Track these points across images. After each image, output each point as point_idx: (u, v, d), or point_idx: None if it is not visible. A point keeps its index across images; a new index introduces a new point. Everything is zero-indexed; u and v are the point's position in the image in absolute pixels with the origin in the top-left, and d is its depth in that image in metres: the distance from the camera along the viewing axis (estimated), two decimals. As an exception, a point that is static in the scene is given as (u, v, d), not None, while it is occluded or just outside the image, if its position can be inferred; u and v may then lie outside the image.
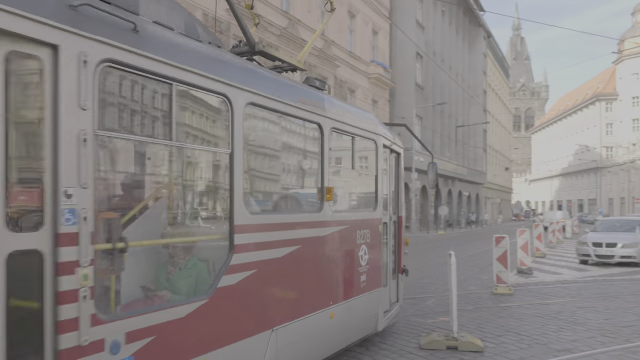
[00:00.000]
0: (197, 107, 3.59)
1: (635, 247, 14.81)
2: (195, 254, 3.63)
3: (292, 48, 21.39)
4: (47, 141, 2.50)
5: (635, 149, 59.00)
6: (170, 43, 3.21)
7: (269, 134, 4.44)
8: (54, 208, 2.49)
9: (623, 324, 7.57)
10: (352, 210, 5.91)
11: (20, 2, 2.33)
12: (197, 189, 3.84)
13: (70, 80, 2.55)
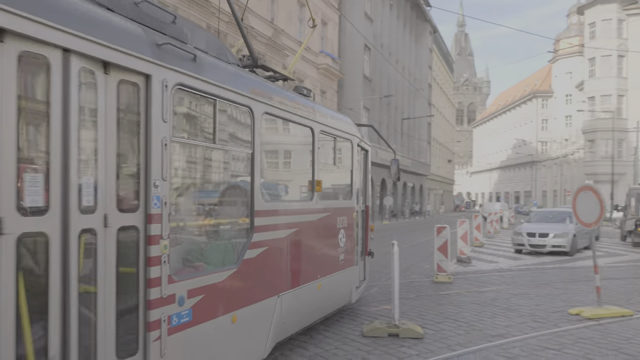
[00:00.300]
0: (231, 117, 4.47)
1: (566, 237, 15.67)
2: (230, 232, 4.59)
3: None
4: (142, 146, 3.38)
5: (568, 144, 62.19)
6: (214, 67, 4.13)
7: (276, 137, 5.44)
8: (146, 195, 3.38)
9: (552, 309, 8.03)
10: (334, 200, 6.77)
11: (129, 44, 3.23)
12: (231, 182, 4.69)
13: (157, 100, 3.44)
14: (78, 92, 2.94)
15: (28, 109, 2.75)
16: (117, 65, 3.15)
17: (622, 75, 45.82)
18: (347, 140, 7.07)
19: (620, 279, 11.44)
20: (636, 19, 45.53)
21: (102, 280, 3.09)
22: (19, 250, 2.61)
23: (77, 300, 2.91)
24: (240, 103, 4.41)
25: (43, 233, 2.75)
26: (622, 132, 44.56)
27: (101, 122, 3.10)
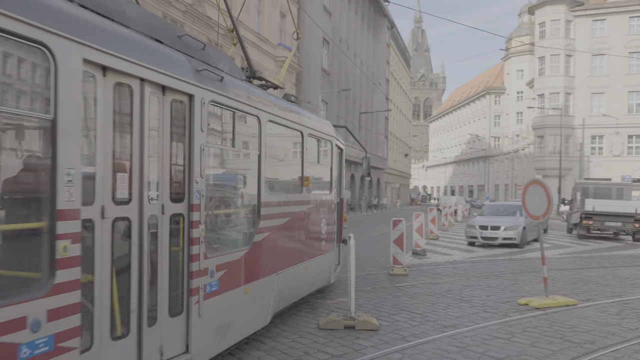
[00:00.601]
0: (244, 125, 5.44)
1: (516, 230, 16.22)
2: (244, 219, 5.62)
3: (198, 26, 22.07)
4: (187, 150, 4.28)
5: (519, 139, 64.25)
6: (234, 85, 5.11)
7: (275, 140, 6.28)
8: (189, 189, 4.29)
9: (502, 300, 8.30)
10: (318, 193, 7.69)
11: (179, 71, 4.10)
12: (245, 178, 5.71)
13: (197, 115, 4.35)
14: (148, 111, 3.82)
15: (119, 124, 3.59)
16: (171, 88, 4.07)
17: (569, 74, 47.61)
18: (328, 141, 8.19)
19: (566, 269, 11.94)
20: (582, 20, 47.38)
21: (160, 254, 3.99)
22: (113, 229, 3.50)
23: (147, 268, 3.83)
24: (251, 113, 5.42)
25: (127, 217, 3.66)
26: (569, 129, 46.38)
27: (160, 133, 4.00)
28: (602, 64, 46.78)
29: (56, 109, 2.96)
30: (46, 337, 2.88)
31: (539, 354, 5.49)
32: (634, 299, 8.50)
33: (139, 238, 3.74)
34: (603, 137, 46.71)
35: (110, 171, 3.48)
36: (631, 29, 46.10)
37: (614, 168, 45.27)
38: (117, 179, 3.56)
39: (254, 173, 5.62)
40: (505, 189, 68.33)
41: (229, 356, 5.32)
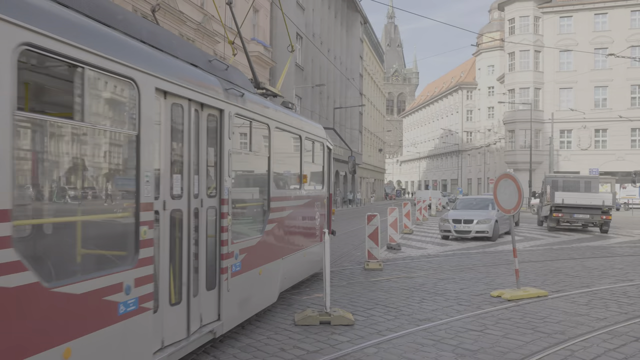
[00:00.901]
0: (258, 132, 6.43)
1: (488, 223, 16.47)
2: (258, 211, 6.75)
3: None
4: (218, 155, 5.27)
5: (490, 134, 65.24)
6: (250, 99, 6.15)
7: (280, 143, 7.27)
8: (220, 187, 5.30)
9: (475, 292, 8.42)
10: (313, 189, 8.77)
11: (212, 91, 5.08)
12: (259, 176, 6.77)
13: (226, 125, 5.33)
14: (192, 124, 4.84)
15: (174, 136, 4.60)
16: (208, 105, 5.07)
17: (538, 70, 48.54)
18: (320, 143, 9.25)
19: (537, 261, 12.18)
20: (550, 17, 48.33)
21: (201, 239, 4.99)
22: (170, 218, 4.49)
23: (193, 249, 4.82)
24: (263, 122, 6.48)
25: (180, 209, 4.66)
26: (539, 123, 47.32)
27: (200, 141, 5.00)
28: (570, 59, 47.85)
29: (139, 127, 3.96)
30: (134, 298, 3.83)
31: (512, 345, 5.58)
32: (601, 289, 8.72)
33: (187, 226, 4.77)
34: (571, 132, 47.83)
35: (169, 173, 4.51)
36: (596, 25, 47.26)
37: (582, 161, 46.45)
38: (174, 179, 4.60)
39: (265, 172, 6.72)
40: (477, 183, 69.38)
41: (204, 354, 5.26)
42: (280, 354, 5.32)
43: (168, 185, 4.48)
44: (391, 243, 13.81)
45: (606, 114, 46.26)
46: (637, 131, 46.14)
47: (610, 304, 7.62)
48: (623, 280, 9.62)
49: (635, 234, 20.00)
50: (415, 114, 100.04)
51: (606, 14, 46.98)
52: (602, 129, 46.96)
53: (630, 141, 46.23)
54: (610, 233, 20.14)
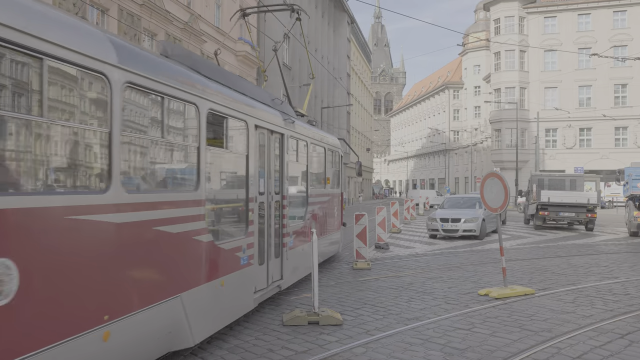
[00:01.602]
0: (301, 147, 8.79)
1: (475, 222, 16.57)
2: (301, 204, 8.91)
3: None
4: (280, 165, 7.68)
5: (477, 133, 65.66)
6: (297, 124, 8.56)
7: (312, 154, 9.58)
8: (282, 187, 7.66)
9: (463, 291, 8.45)
10: (332, 188, 11.25)
11: (277, 120, 7.52)
12: (302, 178, 8.95)
13: (285, 144, 7.77)
14: (268, 144, 7.19)
15: (261, 153, 6.89)
16: (276, 131, 7.41)
17: (523, 69, 48.96)
18: (337, 152, 11.87)
19: (524, 260, 12.27)
20: (535, 17, 48.78)
21: (272, 223, 7.23)
22: (259, 207, 6.74)
23: (271, 229, 7.19)
24: (303, 140, 8.90)
25: (263, 202, 6.90)
26: (525, 122, 47.72)
27: (272, 156, 7.29)
28: (554, 59, 48.33)
29: (248, 150, 6.37)
30: (246, 256, 6.17)
31: (499, 344, 5.60)
32: (587, 287, 8.81)
33: (267, 213, 7.08)
34: (557, 130, 48.33)
35: (257, 178, 6.69)
36: (580, 25, 47.81)
37: (568, 160, 46.96)
38: (260, 182, 6.85)
39: (305, 175, 9.11)
40: (465, 182, 69.82)
41: (191, 356, 5.21)
42: (268, 354, 5.29)
43: (256, 185, 6.68)
44: (379, 242, 13.82)
45: (590, 113, 46.81)
46: (621, 130, 46.76)
47: (596, 301, 7.70)
48: (608, 278, 9.73)
49: (619, 231, 20.25)
50: (403, 113, 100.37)
51: (589, 14, 47.54)
52: (587, 127, 47.51)
53: (614, 140, 46.83)
54: (596, 231, 20.37)
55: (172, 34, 21.42)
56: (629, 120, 46.05)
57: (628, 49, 45.49)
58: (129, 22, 18.37)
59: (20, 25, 3.01)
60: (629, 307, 7.29)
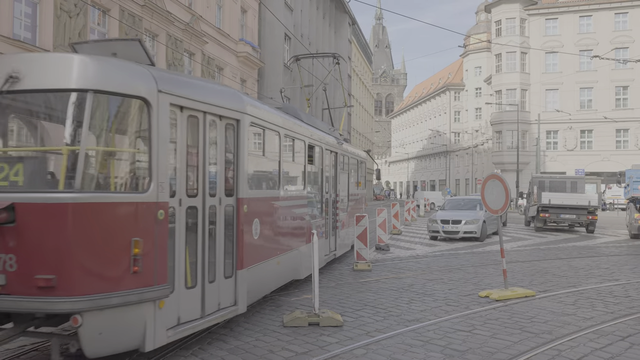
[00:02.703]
0: (341, 160, 11.76)
1: (476, 224, 16.55)
2: (345, 201, 12.25)
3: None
4: (335, 174, 11.23)
5: (478, 135, 65.64)
6: (345, 145, 12.35)
7: (349, 165, 12.80)
8: (336, 190, 11.17)
9: (464, 293, 8.44)
10: (362, 189, 14.47)
11: (333, 145, 11.03)
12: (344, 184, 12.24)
13: (339, 161, 11.50)
14: (334, 161, 11.03)
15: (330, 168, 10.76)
16: (334, 152, 10.92)
17: (525, 71, 48.95)
18: (364, 162, 15.24)
19: (525, 261, 12.26)
20: (536, 19, 48.79)
21: (331, 211, 10.83)
22: (326, 202, 10.54)
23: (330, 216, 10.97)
24: (346, 155, 12.16)
25: (328, 199, 10.56)
26: (526, 124, 47.71)
27: (329, 167, 10.63)
28: (555, 61, 48.31)
29: (322, 165, 10.03)
30: (322, 231, 9.99)
31: (500, 346, 5.60)
32: (588, 289, 8.80)
33: (329, 206, 10.60)
34: (557, 132, 48.31)
35: (325, 183, 10.20)
36: (581, 27, 47.79)
37: (568, 162, 46.92)
38: (326, 185, 10.29)
39: (347, 181, 12.40)
40: (465, 184, 69.78)
41: (191, 356, 5.21)
42: (268, 355, 5.29)
43: (325, 187, 10.19)
44: (380, 244, 13.82)
45: (591, 115, 46.79)
46: (622, 132, 46.74)
47: (597, 303, 7.69)
48: (609, 280, 9.72)
49: (620, 233, 20.23)
50: (404, 114, 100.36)
51: (591, 16, 47.53)
52: (588, 129, 47.49)
53: (615, 142, 46.81)
54: (597, 233, 20.35)
55: (173, 35, 21.45)
56: (630, 122, 46.04)
57: (629, 51, 45.50)
58: (130, 22, 18.39)
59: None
60: (629, 310, 7.28)
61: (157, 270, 4.62)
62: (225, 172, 5.74)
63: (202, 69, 24.24)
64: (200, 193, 5.31)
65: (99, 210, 4.35)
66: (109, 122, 4.69)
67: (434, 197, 45.70)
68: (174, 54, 21.12)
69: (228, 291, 5.74)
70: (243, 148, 5.89)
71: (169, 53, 20.78)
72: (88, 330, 4.21)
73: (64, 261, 4.15)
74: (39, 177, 4.60)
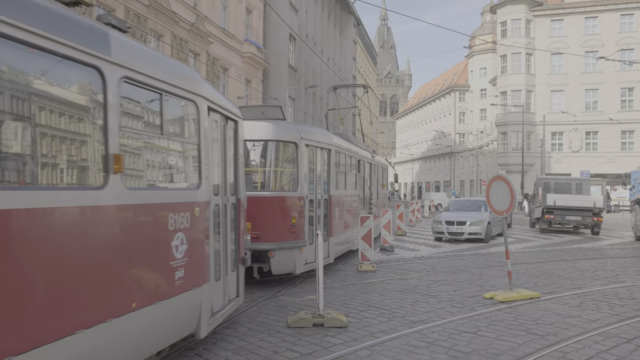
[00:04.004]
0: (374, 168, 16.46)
1: (481, 225, 16.52)
2: (374, 198, 16.34)
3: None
4: (369, 178, 15.56)
5: (483, 136, 65.50)
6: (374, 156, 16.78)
7: (380, 172, 18.17)
8: (371, 190, 15.75)
9: (469, 294, 8.43)
10: (386, 190, 19.65)
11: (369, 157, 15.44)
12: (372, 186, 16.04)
13: (374, 170, 16.39)
14: (369, 170, 15.21)
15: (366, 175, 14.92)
16: (368, 162, 14.88)
17: (530, 72, 48.81)
18: (387, 168, 18.28)
19: (530, 263, 12.22)
20: (541, 20, 48.65)
21: (367, 207, 14.78)
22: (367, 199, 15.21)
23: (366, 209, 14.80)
24: (375, 164, 16.27)
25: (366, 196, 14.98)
26: (531, 125, 47.56)
27: (365, 173, 14.52)
28: (561, 62, 48.13)
29: (364, 172, 14.48)
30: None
31: (504, 347, 5.58)
32: (593, 291, 8.76)
33: (368, 201, 15.11)
34: (563, 134, 48.12)
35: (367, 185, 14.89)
36: (587, 29, 47.59)
37: (574, 163, 46.74)
38: (367, 187, 14.77)
39: (376, 184, 15.96)
40: (470, 185, 69.61)
41: (196, 357, 5.22)
42: (273, 356, 5.29)
43: (366, 189, 14.15)
44: (384, 245, 13.81)
45: (597, 117, 46.59)
46: (627, 134, 46.52)
47: (602, 305, 7.66)
48: (614, 282, 9.67)
49: (625, 235, 20.14)
50: (408, 115, 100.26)
51: (596, 17, 47.34)
52: (593, 131, 47.29)
53: (621, 143, 46.59)
54: (602, 235, 20.26)
55: (178, 35, 21.50)
56: (636, 124, 45.81)
57: (635, 53, 45.30)
58: (135, 23, 18.45)
59: None
60: (635, 312, 7.25)
61: (302, 232, 8.95)
62: (332, 179, 10.70)
63: (207, 69, 24.28)
64: (320, 192, 10.03)
65: (279, 200, 8.79)
66: (282, 155, 9.12)
67: (440, 198, 45.69)
68: (179, 54, 21.17)
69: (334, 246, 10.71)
70: (333, 165, 10.62)
71: (174, 53, 20.83)
72: (275, 260, 8.55)
73: (264, 225, 8.47)
74: (255, 183, 8.96)
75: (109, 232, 3.70)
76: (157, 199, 4.35)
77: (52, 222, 3.20)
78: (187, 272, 4.70)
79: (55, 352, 3.18)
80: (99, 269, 3.60)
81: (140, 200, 4.08)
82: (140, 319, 4.00)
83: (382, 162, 18.63)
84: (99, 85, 3.69)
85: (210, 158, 5.34)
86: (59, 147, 3.46)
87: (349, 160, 12.30)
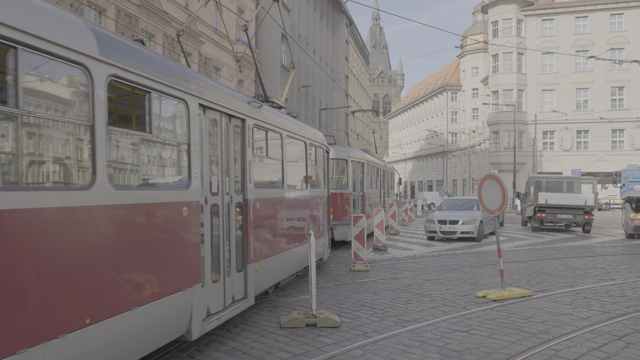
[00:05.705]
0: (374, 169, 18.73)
1: (473, 224, 16.58)
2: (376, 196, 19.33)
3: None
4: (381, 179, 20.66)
5: (475, 135, 65.77)
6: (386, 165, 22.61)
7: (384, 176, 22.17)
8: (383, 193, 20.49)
9: (461, 293, 8.45)
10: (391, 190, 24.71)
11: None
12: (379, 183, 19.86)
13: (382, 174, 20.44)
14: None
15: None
16: (382, 169, 20.11)
17: (521, 72, 49.06)
18: (393, 173, 24.55)
19: (522, 261, 12.28)
20: (532, 20, 48.91)
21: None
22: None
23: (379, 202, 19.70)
24: (385, 171, 21.60)
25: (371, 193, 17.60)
26: (522, 125, 47.82)
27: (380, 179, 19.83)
28: (552, 62, 48.42)
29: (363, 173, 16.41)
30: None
31: (497, 346, 5.60)
32: (584, 289, 8.82)
33: (384, 195, 20.70)
34: (554, 133, 48.42)
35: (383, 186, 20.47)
36: (577, 28, 47.92)
37: (565, 162, 47.05)
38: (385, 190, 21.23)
39: (387, 186, 20.87)
40: (462, 184, 69.87)
41: (188, 358, 5.20)
42: (266, 357, 5.28)
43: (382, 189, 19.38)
44: (377, 244, 13.82)
45: (587, 116, 46.92)
46: (618, 132, 46.88)
47: (593, 303, 7.71)
48: (605, 280, 9.74)
49: (616, 233, 20.29)
50: (401, 115, 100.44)
51: (587, 17, 47.66)
52: (584, 130, 47.62)
53: (611, 142, 46.94)
54: (593, 233, 20.40)
55: (169, 35, 21.41)
56: (626, 122, 46.18)
57: (625, 52, 45.66)
58: (127, 22, 18.36)
59: None
60: (626, 309, 7.30)
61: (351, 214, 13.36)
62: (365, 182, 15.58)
63: (199, 69, 24.19)
64: (351, 188, 14.32)
65: (335, 195, 13.61)
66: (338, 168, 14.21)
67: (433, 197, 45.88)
68: (171, 54, 21.09)
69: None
70: (366, 174, 15.14)
71: (165, 53, 20.75)
72: (337, 231, 13.67)
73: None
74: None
75: (94, 232, 3.59)
76: (144, 199, 4.22)
77: (37, 223, 3.10)
78: (175, 273, 4.65)
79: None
80: (83, 272, 3.46)
81: (127, 200, 3.97)
82: (126, 322, 3.88)
83: (391, 168, 24.02)
84: (86, 83, 3.60)
85: (202, 157, 5.30)
86: (45, 146, 3.32)
87: (374, 170, 17.90)
